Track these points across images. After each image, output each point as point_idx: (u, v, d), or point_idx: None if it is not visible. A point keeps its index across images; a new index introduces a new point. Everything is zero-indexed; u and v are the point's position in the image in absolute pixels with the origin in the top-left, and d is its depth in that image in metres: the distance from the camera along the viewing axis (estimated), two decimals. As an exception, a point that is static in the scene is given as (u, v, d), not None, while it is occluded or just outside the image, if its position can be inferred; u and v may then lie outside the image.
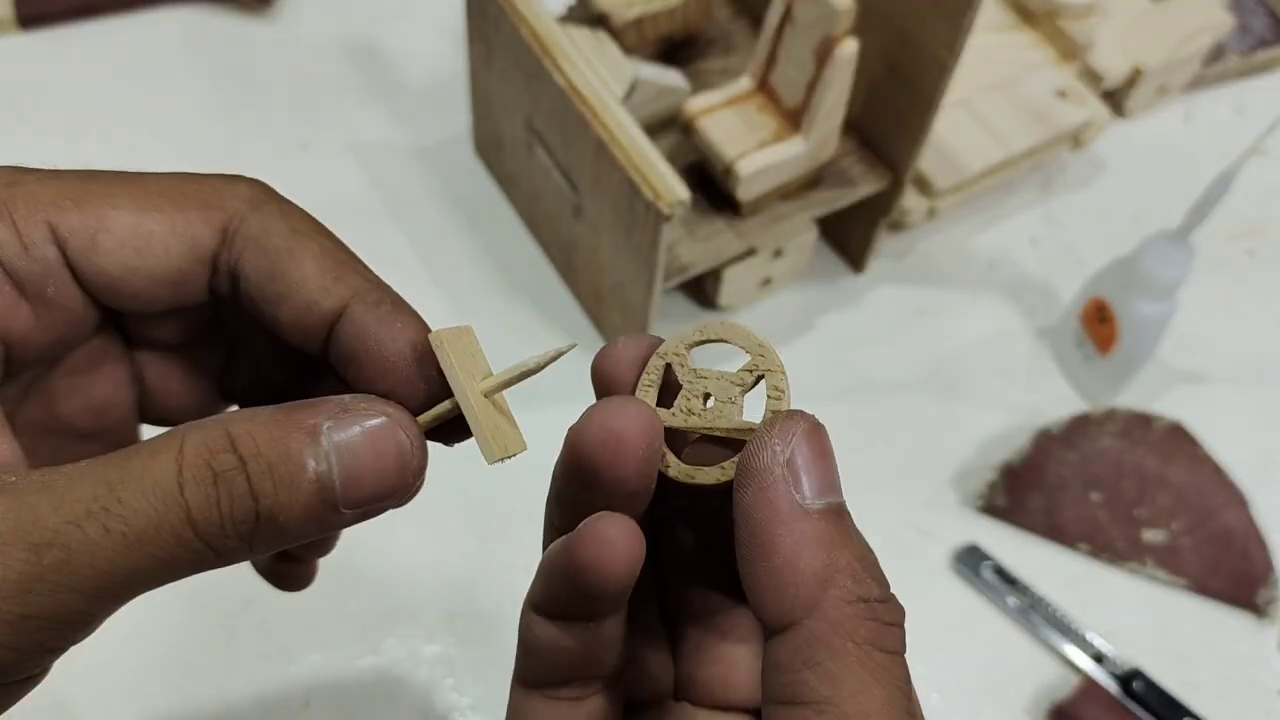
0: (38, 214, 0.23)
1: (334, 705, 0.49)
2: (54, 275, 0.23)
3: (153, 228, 0.23)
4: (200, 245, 0.24)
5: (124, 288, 0.24)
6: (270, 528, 0.21)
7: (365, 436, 0.22)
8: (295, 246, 0.24)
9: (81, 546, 0.20)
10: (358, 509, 0.22)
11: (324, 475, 0.21)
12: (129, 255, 0.23)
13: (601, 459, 0.22)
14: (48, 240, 0.23)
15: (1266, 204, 0.70)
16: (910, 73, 0.52)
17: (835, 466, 0.23)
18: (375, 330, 0.23)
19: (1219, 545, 0.55)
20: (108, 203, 0.23)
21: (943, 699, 0.52)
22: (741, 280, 0.58)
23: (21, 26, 0.69)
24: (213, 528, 0.21)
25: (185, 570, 0.21)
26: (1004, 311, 0.64)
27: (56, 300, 0.23)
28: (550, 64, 0.51)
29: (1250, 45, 0.74)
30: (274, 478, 0.21)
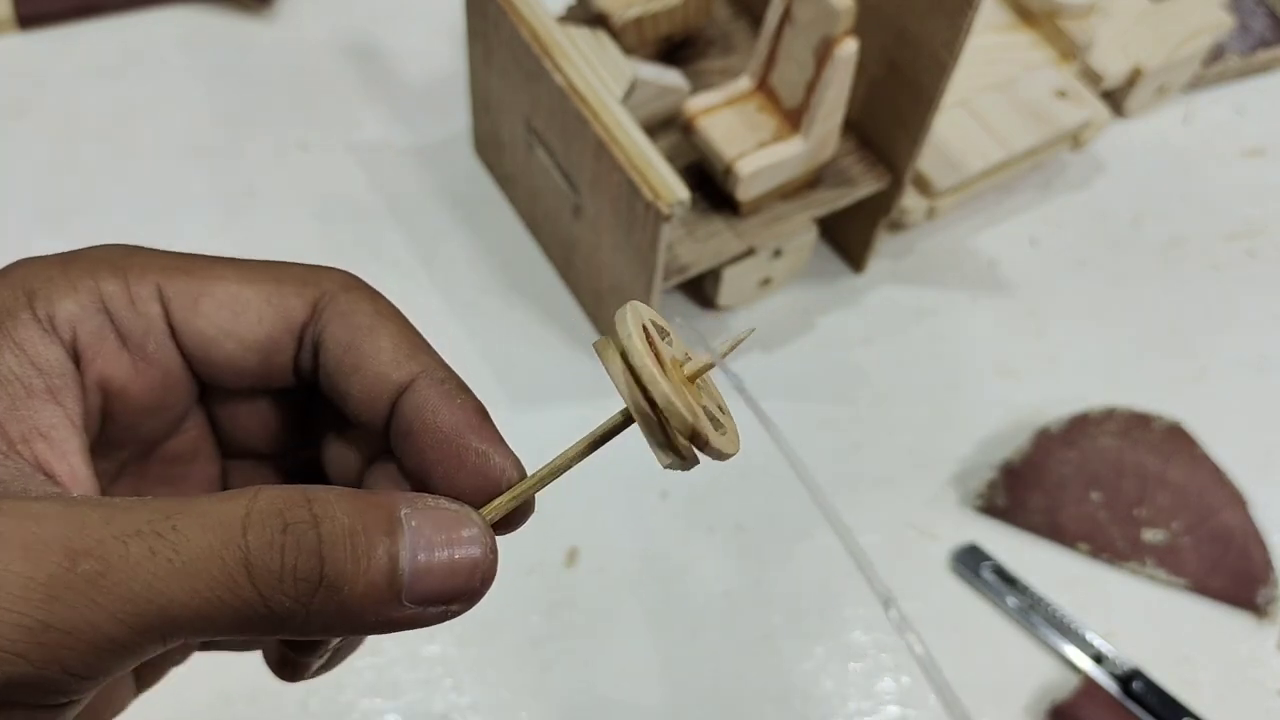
0: (149, 276, 0.24)
1: (334, 705, 0.49)
2: (155, 332, 0.24)
3: (250, 296, 0.24)
4: (292, 316, 0.25)
5: (217, 350, 0.25)
6: (331, 596, 0.20)
7: (442, 533, 0.22)
8: (376, 324, 0.25)
9: (121, 563, 0.19)
10: (420, 605, 0.22)
11: (395, 557, 0.21)
12: (226, 318, 0.24)
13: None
14: (154, 299, 0.24)
15: (1266, 204, 0.70)
16: (910, 72, 0.52)
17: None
18: (435, 403, 0.24)
19: (1219, 545, 0.55)
20: (213, 273, 0.24)
21: (942, 699, 0.52)
22: (741, 280, 0.58)
23: (21, 26, 0.69)
24: (271, 578, 0.20)
25: (229, 620, 0.20)
26: (1004, 311, 0.64)
27: (156, 356, 0.24)
28: (550, 64, 0.51)
29: (1250, 45, 0.74)
30: (348, 544, 0.21)
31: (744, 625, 0.53)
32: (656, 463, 0.25)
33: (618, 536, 0.55)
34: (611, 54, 0.54)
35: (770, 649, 0.52)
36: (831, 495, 0.57)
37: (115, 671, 0.20)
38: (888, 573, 0.55)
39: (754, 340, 0.61)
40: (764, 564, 0.55)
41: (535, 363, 0.59)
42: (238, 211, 0.63)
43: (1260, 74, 0.75)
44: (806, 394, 0.60)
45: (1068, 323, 0.64)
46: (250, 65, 0.69)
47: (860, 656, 0.52)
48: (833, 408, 0.60)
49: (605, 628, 0.52)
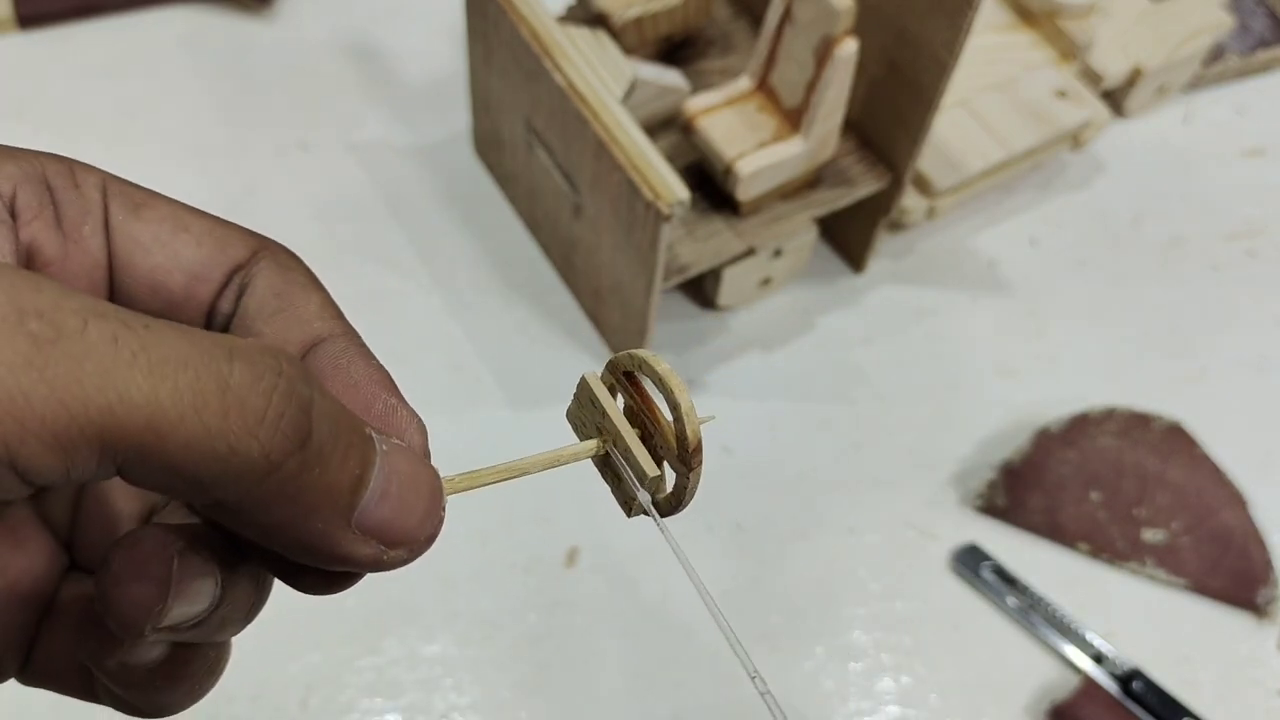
0: (95, 173, 0.23)
1: (334, 705, 0.49)
2: (93, 219, 0.23)
3: (193, 222, 0.24)
4: (230, 252, 0.24)
5: (145, 259, 0.23)
6: (305, 470, 0.18)
7: (409, 468, 0.21)
8: (310, 285, 0.24)
9: (75, 338, 0.16)
10: (364, 533, 0.20)
11: (366, 466, 0.20)
12: (165, 230, 0.23)
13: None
14: (97, 189, 0.23)
15: (1266, 204, 0.70)
16: (910, 72, 0.52)
17: None
18: (352, 355, 0.23)
19: (1218, 545, 0.55)
20: (157, 194, 0.24)
21: (942, 699, 0.52)
22: (741, 280, 0.58)
23: (21, 26, 0.69)
24: (250, 413, 0.17)
25: (183, 451, 0.17)
26: (1004, 311, 0.64)
27: (89, 244, 0.23)
28: (550, 64, 0.51)
29: (1250, 45, 0.74)
30: (333, 430, 0.19)
31: (743, 625, 0.53)
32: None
33: (617, 536, 0.55)
34: (611, 54, 0.54)
35: (770, 649, 0.52)
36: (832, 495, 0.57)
37: (36, 473, 0.16)
38: (888, 572, 0.55)
39: (754, 340, 0.61)
40: (763, 564, 0.55)
41: (535, 363, 0.59)
42: (238, 211, 0.63)
43: (1260, 74, 0.75)
44: (806, 394, 0.60)
45: (1068, 323, 0.64)
46: (250, 65, 0.69)
47: (860, 656, 0.52)
48: (833, 408, 0.60)
49: (605, 627, 0.52)
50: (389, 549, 0.20)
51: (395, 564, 0.21)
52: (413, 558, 0.21)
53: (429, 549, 0.22)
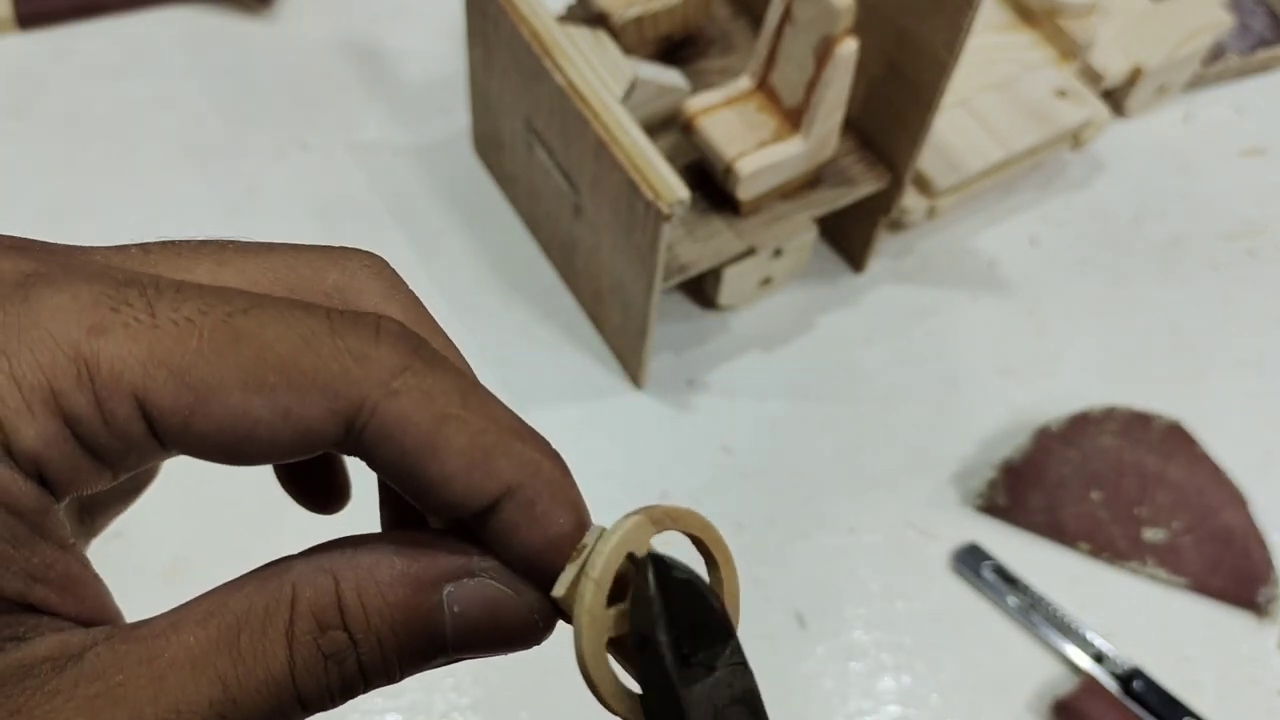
0: (124, 384, 0.19)
1: (334, 705, 0.49)
2: (138, 449, 0.19)
3: (260, 414, 0.19)
4: (315, 437, 0.19)
5: (214, 460, 0.20)
6: (373, 684, 0.20)
7: (486, 607, 0.20)
8: (438, 440, 0.20)
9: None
10: (461, 654, 0.21)
11: (437, 632, 0.20)
12: (226, 441, 0.19)
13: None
14: (134, 418, 0.19)
15: (1266, 204, 0.70)
16: (910, 72, 0.52)
17: None
18: (526, 530, 0.20)
19: (1219, 544, 0.55)
20: (211, 372, 0.19)
21: (942, 699, 0.52)
22: (741, 280, 0.58)
23: (21, 26, 0.69)
24: (318, 697, 0.20)
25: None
26: (1004, 311, 0.64)
27: (139, 465, 0.20)
28: (550, 63, 0.51)
29: (1250, 45, 0.74)
30: (383, 649, 0.20)
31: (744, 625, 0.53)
32: (648, 478, 0.24)
33: (618, 536, 0.55)
34: (611, 53, 0.54)
35: (770, 649, 0.52)
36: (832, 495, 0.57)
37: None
38: (888, 572, 0.55)
39: (754, 340, 0.61)
40: (763, 564, 0.55)
41: (535, 362, 0.59)
42: (238, 211, 0.63)
43: (1260, 73, 0.75)
44: (806, 394, 0.60)
45: (1068, 322, 0.64)
46: (250, 65, 0.69)
47: (860, 656, 0.52)
48: (833, 407, 0.60)
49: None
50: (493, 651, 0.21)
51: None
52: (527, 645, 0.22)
53: (550, 633, 0.22)
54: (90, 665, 0.18)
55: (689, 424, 0.58)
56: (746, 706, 0.21)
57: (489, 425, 0.20)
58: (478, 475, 0.20)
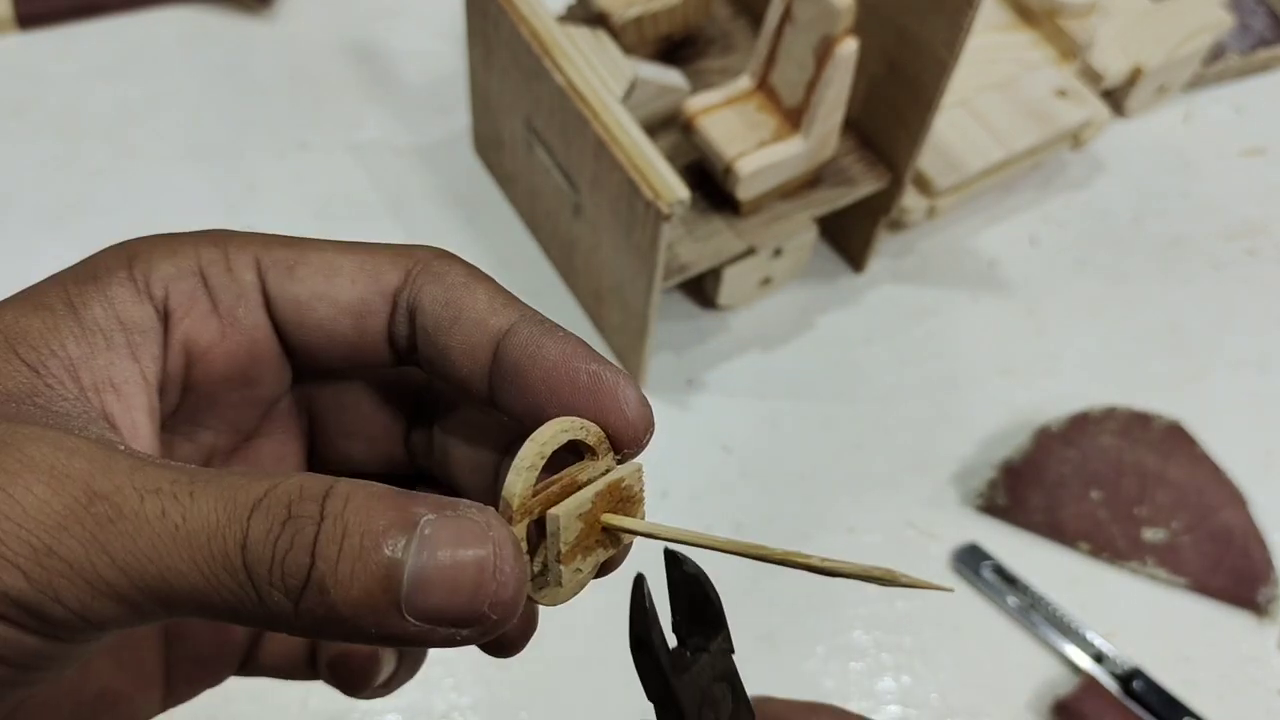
0: (249, 248, 0.25)
1: (334, 705, 0.49)
2: (248, 298, 0.24)
3: (344, 263, 0.25)
4: (385, 280, 0.25)
5: (310, 314, 0.25)
6: (319, 597, 0.20)
7: (453, 538, 0.20)
8: (470, 282, 0.25)
9: (133, 515, 0.19)
10: (423, 622, 0.20)
11: (394, 565, 0.20)
12: (319, 282, 0.25)
13: None
14: (250, 267, 0.24)
15: (1266, 204, 0.70)
16: (910, 72, 0.52)
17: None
18: (539, 338, 0.24)
19: (1219, 544, 0.55)
20: (309, 244, 0.25)
21: (942, 699, 0.52)
22: (741, 279, 0.58)
23: (21, 26, 0.69)
24: (261, 566, 0.20)
25: (224, 604, 0.20)
26: (1004, 310, 0.64)
27: (245, 322, 0.25)
28: (550, 63, 0.51)
29: (1250, 44, 0.74)
30: (343, 545, 0.20)
31: (744, 625, 0.53)
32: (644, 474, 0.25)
33: (618, 536, 0.55)
34: (611, 53, 0.54)
35: (770, 649, 0.52)
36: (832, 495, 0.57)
37: (110, 623, 0.20)
38: (888, 572, 0.55)
39: (754, 340, 0.61)
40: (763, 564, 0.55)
41: (535, 362, 0.59)
42: (238, 211, 0.63)
43: (1260, 73, 0.75)
44: (807, 393, 0.60)
45: (1068, 322, 0.64)
46: (250, 65, 0.69)
47: (860, 656, 0.52)
48: (833, 407, 0.60)
49: (606, 627, 0.52)
50: (458, 629, 0.20)
51: (475, 641, 0.21)
52: (491, 630, 0.21)
53: (511, 617, 0.21)
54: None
55: (689, 424, 0.58)
56: (728, 683, 0.24)
57: (507, 291, 0.25)
58: (499, 304, 0.24)
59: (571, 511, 0.22)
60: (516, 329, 0.24)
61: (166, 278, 0.24)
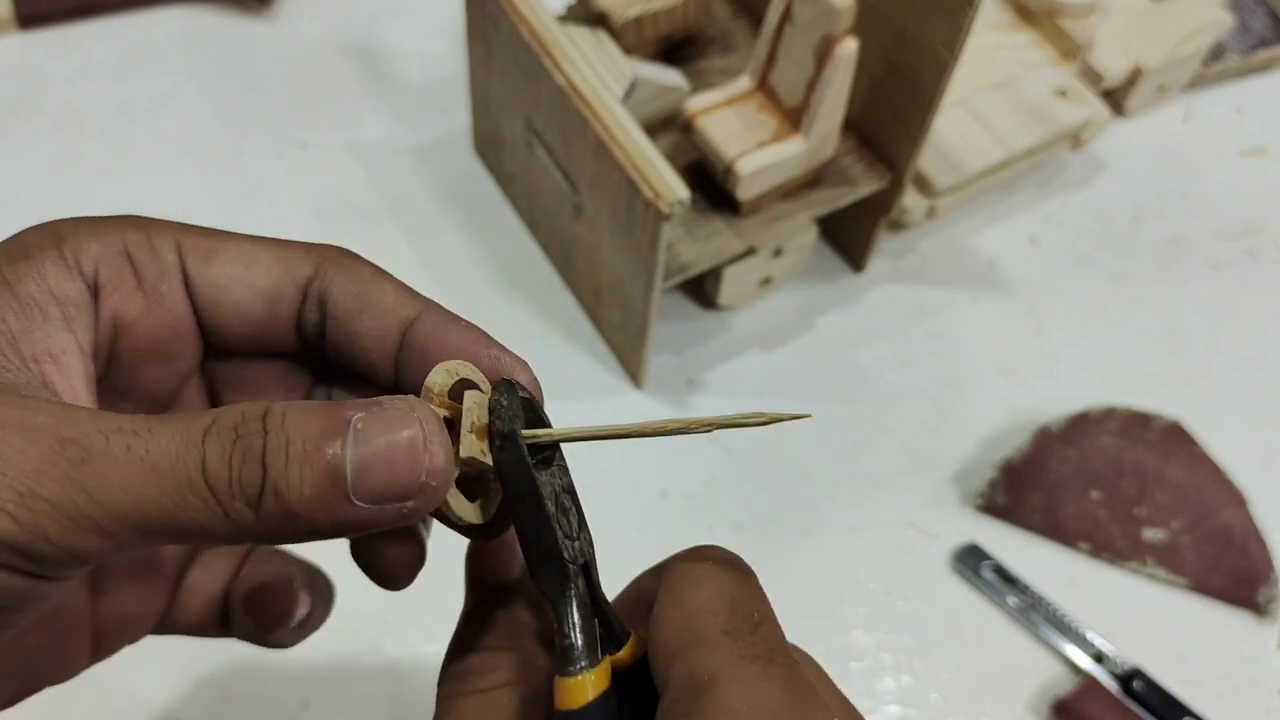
0: (170, 233, 0.27)
1: (334, 705, 0.49)
2: (170, 277, 0.27)
3: (259, 252, 0.27)
4: (297, 270, 0.27)
5: (226, 296, 0.27)
6: (278, 502, 0.22)
7: (383, 423, 0.23)
8: (378, 276, 0.28)
9: (101, 454, 0.21)
10: (371, 503, 0.22)
11: (337, 460, 0.22)
12: (237, 268, 0.27)
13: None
14: (172, 250, 0.27)
15: (1266, 203, 0.70)
16: (910, 72, 0.52)
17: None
18: (444, 325, 0.26)
19: (1219, 544, 0.55)
20: (227, 235, 0.27)
21: (942, 699, 0.52)
22: (741, 279, 0.58)
23: (21, 26, 0.69)
24: (221, 483, 0.22)
25: (194, 523, 0.22)
26: (1004, 310, 0.64)
27: (168, 299, 0.27)
28: (550, 63, 0.51)
29: (1250, 45, 0.74)
30: (288, 452, 0.22)
31: (744, 625, 0.53)
32: (636, 467, 0.25)
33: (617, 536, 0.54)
34: (611, 53, 0.54)
35: (770, 648, 0.52)
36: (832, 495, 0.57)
37: (94, 556, 0.22)
38: (889, 571, 0.55)
39: (755, 339, 0.61)
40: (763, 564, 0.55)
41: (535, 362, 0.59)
42: (238, 211, 0.63)
43: (1260, 73, 0.75)
44: (806, 393, 0.60)
45: (1068, 321, 0.64)
46: (250, 65, 0.69)
47: (860, 656, 0.52)
48: (833, 407, 0.60)
49: (605, 627, 0.52)
50: (404, 502, 0.23)
51: (422, 511, 0.23)
52: (431, 502, 0.23)
53: (445, 486, 0.23)
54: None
55: (689, 424, 0.58)
56: (570, 495, 0.27)
57: (409, 287, 0.28)
58: (406, 297, 0.27)
59: (479, 400, 0.25)
60: (423, 317, 0.27)
61: (95, 256, 0.26)
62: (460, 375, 0.26)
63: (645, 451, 0.57)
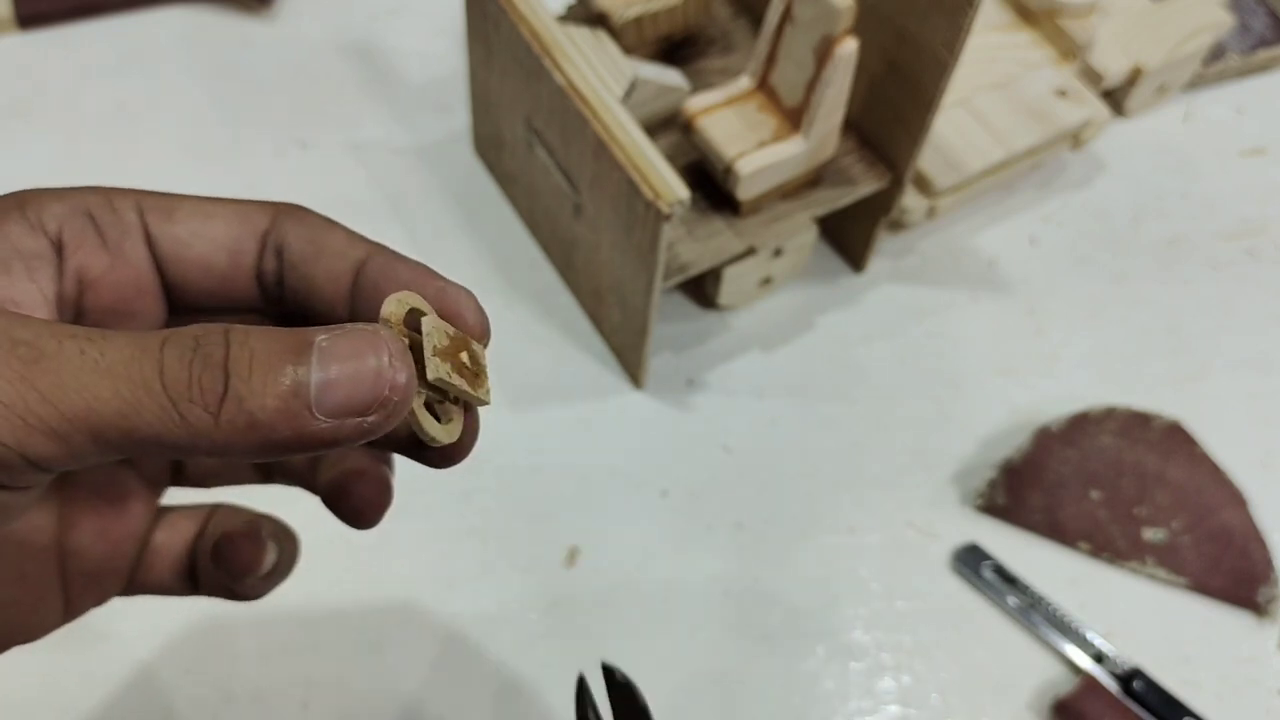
0: (130, 196, 0.28)
1: (334, 705, 0.49)
2: (132, 235, 0.27)
3: (217, 209, 0.28)
4: (254, 223, 0.28)
5: (187, 251, 0.28)
6: (239, 408, 0.22)
7: (348, 345, 0.23)
8: (329, 224, 0.29)
9: (54, 355, 0.21)
10: (333, 418, 0.23)
11: (302, 373, 0.23)
12: (196, 223, 0.28)
13: None
14: (133, 209, 0.28)
15: (1265, 203, 0.70)
16: (910, 72, 0.52)
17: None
18: (393, 263, 0.28)
19: (1219, 544, 0.55)
20: (184, 196, 0.28)
21: (942, 699, 0.52)
22: (741, 280, 0.58)
23: (21, 26, 0.69)
24: (179, 387, 0.22)
25: (149, 427, 0.22)
26: (1004, 310, 0.64)
27: (131, 256, 0.27)
28: (550, 63, 0.51)
29: (1250, 45, 0.74)
30: (252, 364, 0.22)
31: (744, 625, 0.53)
32: (631, 460, 0.26)
33: (618, 535, 0.55)
34: (611, 53, 0.54)
35: (770, 649, 0.52)
36: (832, 495, 0.57)
37: (47, 461, 0.21)
38: (889, 571, 0.55)
39: (755, 339, 0.61)
40: (764, 563, 0.55)
41: (535, 362, 0.59)
42: (238, 211, 0.63)
43: (1260, 73, 0.75)
44: (806, 393, 0.60)
45: (1068, 321, 0.64)
46: (250, 65, 0.69)
47: (860, 656, 0.52)
48: (833, 407, 0.60)
49: (605, 626, 0.52)
50: (366, 416, 0.23)
51: (383, 426, 0.23)
52: (392, 417, 0.23)
53: (404, 404, 0.24)
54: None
55: (689, 424, 0.58)
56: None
57: (359, 235, 0.29)
58: (357, 241, 0.29)
59: (436, 324, 0.26)
60: (373, 258, 0.28)
61: (59, 216, 0.27)
62: (410, 305, 0.26)
63: (646, 451, 0.57)
